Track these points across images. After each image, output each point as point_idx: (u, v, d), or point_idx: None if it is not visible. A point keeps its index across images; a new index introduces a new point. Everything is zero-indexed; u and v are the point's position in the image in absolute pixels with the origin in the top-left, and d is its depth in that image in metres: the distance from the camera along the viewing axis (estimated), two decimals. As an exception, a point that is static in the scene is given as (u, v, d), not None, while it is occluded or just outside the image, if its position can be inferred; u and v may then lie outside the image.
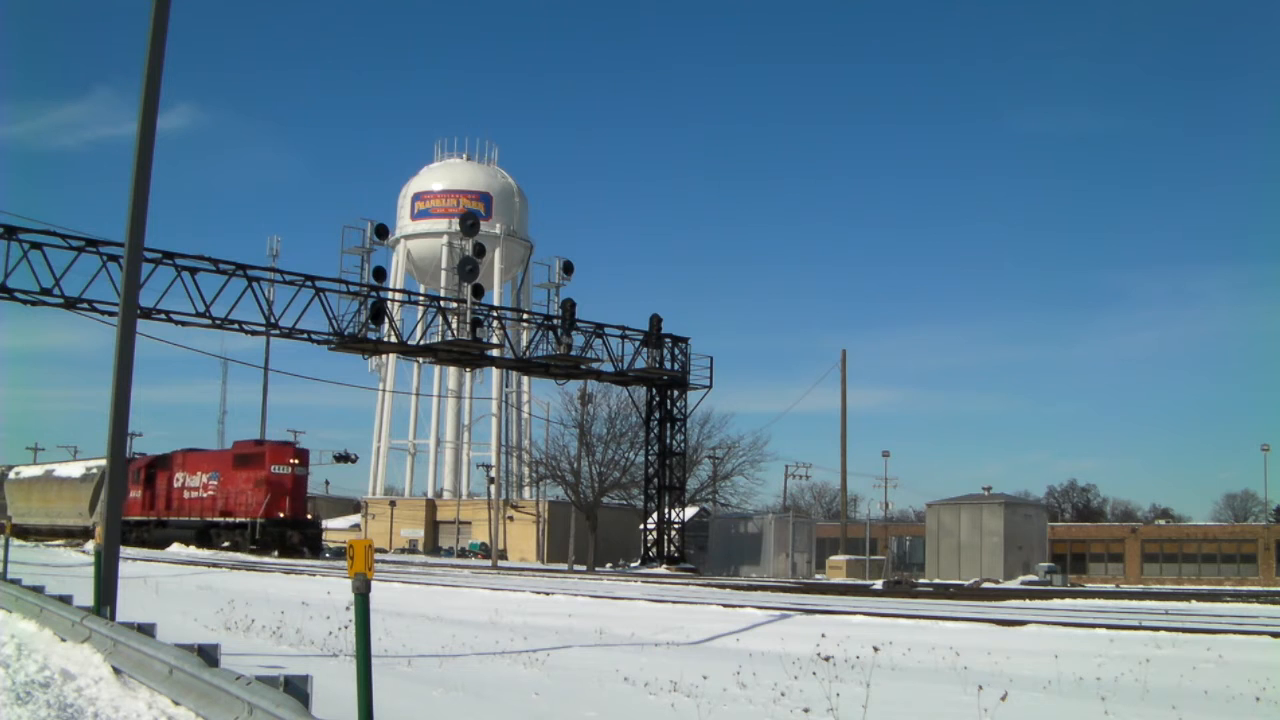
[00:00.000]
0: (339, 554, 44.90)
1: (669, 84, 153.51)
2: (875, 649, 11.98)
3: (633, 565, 47.25)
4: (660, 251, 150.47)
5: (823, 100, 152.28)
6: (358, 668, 6.74)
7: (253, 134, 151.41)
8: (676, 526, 47.29)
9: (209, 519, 48.04)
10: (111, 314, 28.54)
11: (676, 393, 45.63)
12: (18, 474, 69.29)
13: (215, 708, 7.69)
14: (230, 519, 46.55)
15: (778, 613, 18.78)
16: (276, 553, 42.47)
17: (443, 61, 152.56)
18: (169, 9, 13.91)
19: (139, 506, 51.94)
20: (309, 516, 47.99)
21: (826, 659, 11.79)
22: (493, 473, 56.58)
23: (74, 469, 62.20)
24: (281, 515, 45.09)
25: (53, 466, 66.26)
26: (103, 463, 54.17)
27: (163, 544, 47.77)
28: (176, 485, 51.33)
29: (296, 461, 47.36)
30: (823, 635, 14.05)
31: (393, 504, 69.49)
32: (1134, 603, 23.34)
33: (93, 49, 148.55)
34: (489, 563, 49.59)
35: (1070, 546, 55.25)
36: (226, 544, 46.09)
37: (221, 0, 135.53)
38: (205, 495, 49.02)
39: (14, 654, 11.65)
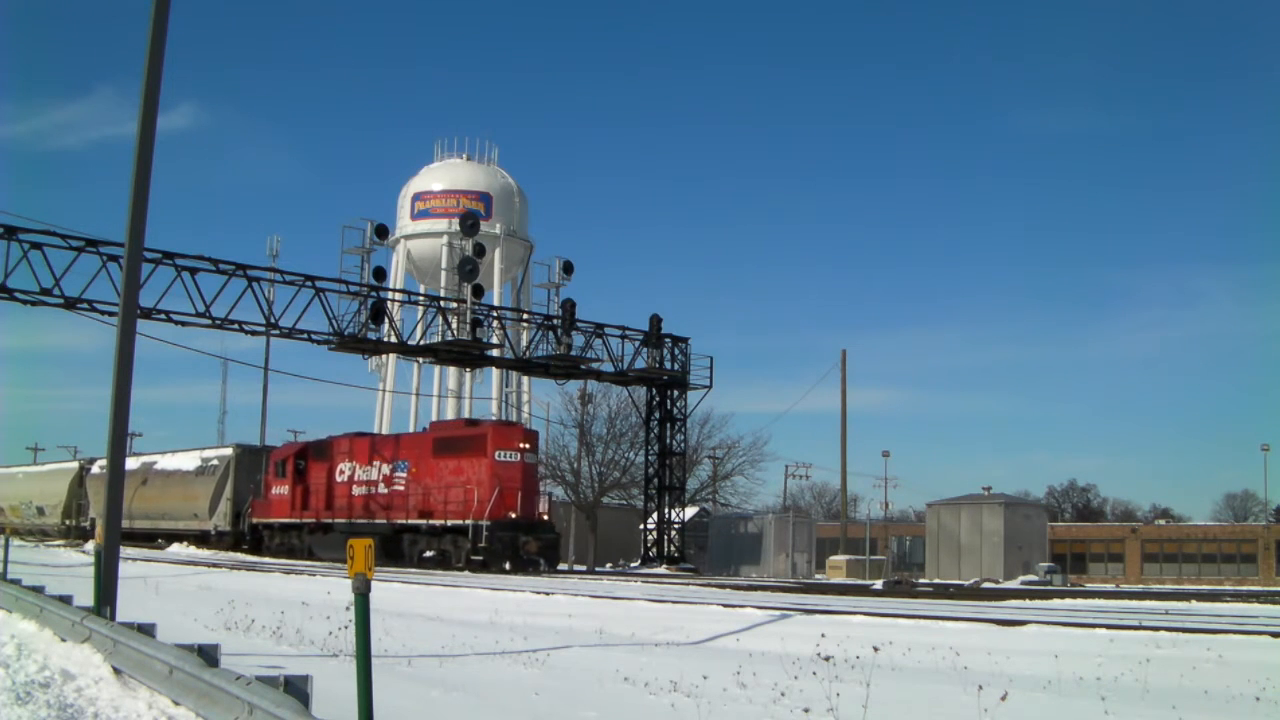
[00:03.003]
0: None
1: (670, 84, 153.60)
2: (875, 649, 11.98)
3: (633, 565, 47.26)
4: (660, 251, 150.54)
5: (824, 99, 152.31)
6: (358, 668, 6.74)
7: (253, 134, 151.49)
8: (676, 526, 47.30)
9: (398, 521, 37.22)
10: (111, 314, 28.55)
11: (676, 393, 45.65)
12: (103, 468, 60.66)
13: (215, 708, 7.70)
14: (433, 522, 35.89)
15: (778, 613, 18.78)
16: (508, 565, 33.24)
17: (443, 61, 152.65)
18: (169, 9, 13.92)
19: (286, 506, 41.97)
20: (544, 517, 37.38)
21: (826, 659, 11.80)
22: (493, 472, 56.56)
23: (185, 459, 52.13)
24: (512, 516, 34.33)
25: (154, 457, 55.82)
26: (225, 452, 48.59)
27: (323, 553, 38.88)
28: (341, 479, 40.30)
29: (527, 446, 36.45)
30: (823, 635, 14.05)
31: (393, 504, 69.36)
32: (1134, 603, 23.34)
33: (95, 48, 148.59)
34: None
35: (1070, 546, 55.27)
36: (430, 554, 35.76)
37: (222, 0, 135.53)
38: (389, 491, 38.20)
39: (14, 654, 11.66)
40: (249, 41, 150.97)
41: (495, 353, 41.21)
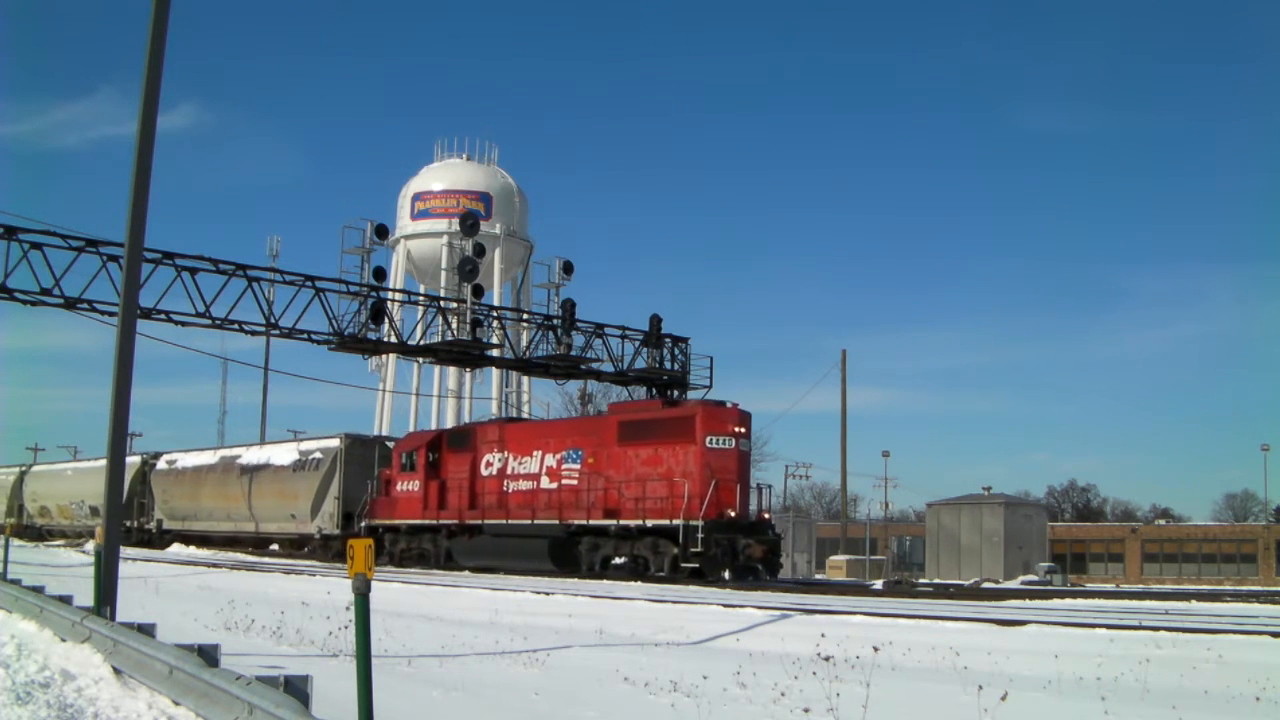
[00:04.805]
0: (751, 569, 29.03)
1: (671, 83, 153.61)
2: (875, 649, 11.98)
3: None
4: (660, 250, 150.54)
5: (825, 95, 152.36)
6: (358, 668, 6.75)
7: (253, 134, 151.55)
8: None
9: (573, 522, 31.15)
10: (111, 314, 28.53)
11: (677, 393, 45.61)
12: (172, 462, 52.09)
13: (215, 708, 7.71)
14: (624, 522, 29.82)
15: (778, 613, 18.78)
16: (727, 573, 28.05)
17: (443, 61, 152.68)
18: (169, 9, 13.93)
19: (417, 505, 35.98)
20: (765, 515, 30.88)
21: (826, 659, 11.80)
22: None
23: (278, 453, 45.79)
24: (731, 515, 28.53)
25: (237, 451, 49.36)
26: (330, 444, 43.38)
27: (467, 560, 33.73)
28: (488, 472, 34.50)
29: (742, 430, 30.12)
30: (823, 635, 14.06)
31: (393, 504, 69.01)
32: (1134, 603, 23.33)
33: (97, 48, 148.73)
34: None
35: (1070, 546, 55.33)
36: (620, 561, 29.97)
37: (223, 1, 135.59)
38: (557, 486, 32.18)
39: (14, 654, 11.67)
40: (249, 41, 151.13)
41: (495, 353, 41.14)
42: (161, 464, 52.29)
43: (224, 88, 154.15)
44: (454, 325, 38.08)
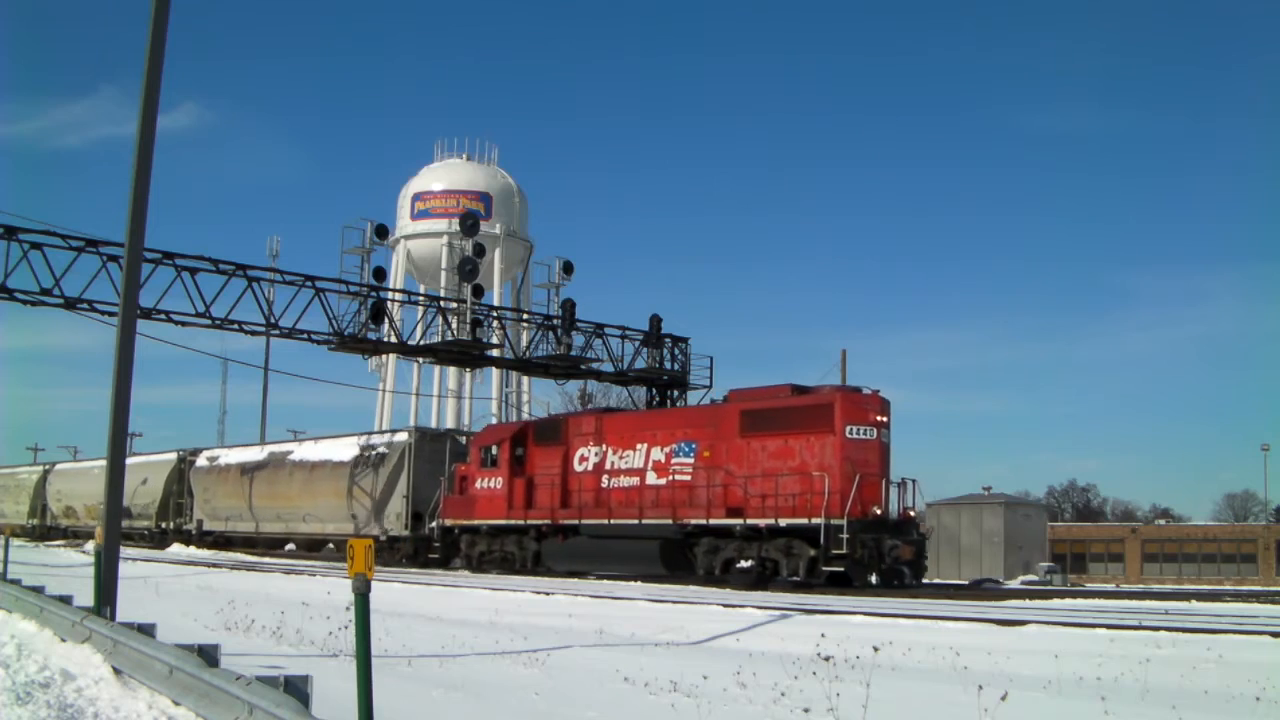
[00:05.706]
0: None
1: (670, 82, 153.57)
2: (875, 649, 11.98)
3: (633, 565, 47.01)
4: (661, 250, 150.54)
5: (825, 94, 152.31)
6: (358, 668, 6.75)
7: (254, 133, 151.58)
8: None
9: (689, 521, 28.00)
10: (111, 314, 28.54)
11: (677, 393, 45.61)
12: (213, 459, 48.24)
13: (215, 708, 7.71)
14: (752, 522, 26.59)
15: (778, 613, 18.79)
16: (874, 578, 25.66)
17: (443, 61, 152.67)
18: (169, 9, 13.93)
19: (500, 504, 32.66)
20: (910, 513, 27.55)
21: (826, 659, 11.80)
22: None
23: (335, 448, 41.77)
24: (877, 513, 25.92)
25: (289, 446, 45.75)
26: (398, 438, 40.87)
27: (560, 564, 30.97)
28: (583, 468, 31.30)
29: (884, 420, 27.15)
30: (823, 635, 14.06)
31: (393, 504, 68.82)
32: (1134, 603, 23.32)
33: (97, 47, 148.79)
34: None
35: (1070, 546, 55.29)
36: (745, 564, 26.84)
37: (224, 0, 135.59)
38: (666, 482, 29.00)
39: (14, 654, 11.68)
40: (250, 41, 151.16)
41: (495, 353, 41.17)
42: (201, 461, 48.66)
43: (224, 87, 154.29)
44: (454, 325, 38.08)
